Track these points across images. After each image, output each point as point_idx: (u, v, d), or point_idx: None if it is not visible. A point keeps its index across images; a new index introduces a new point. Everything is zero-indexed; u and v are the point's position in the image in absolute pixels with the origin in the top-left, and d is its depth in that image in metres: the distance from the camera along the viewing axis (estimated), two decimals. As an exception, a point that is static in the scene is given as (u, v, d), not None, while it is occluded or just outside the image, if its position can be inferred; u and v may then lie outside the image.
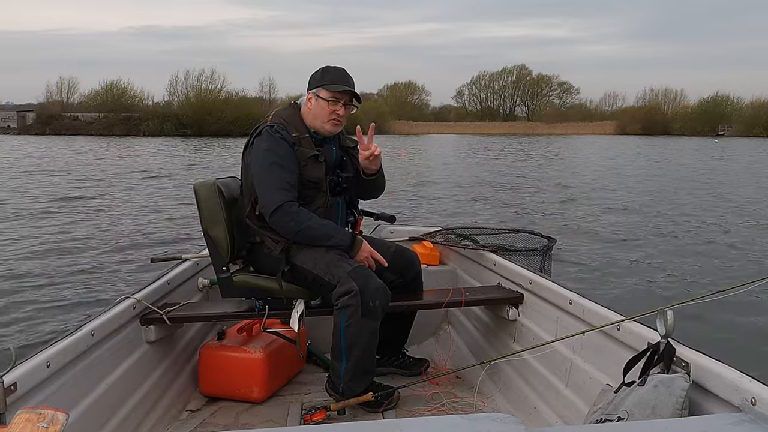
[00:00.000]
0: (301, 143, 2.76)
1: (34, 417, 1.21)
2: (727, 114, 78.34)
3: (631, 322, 2.09)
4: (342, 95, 2.78)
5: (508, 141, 53.82)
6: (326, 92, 2.77)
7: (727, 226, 10.80)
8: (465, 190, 16.24)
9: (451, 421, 1.34)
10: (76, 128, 57.86)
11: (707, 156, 33.79)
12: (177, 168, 22.46)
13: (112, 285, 6.53)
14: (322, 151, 2.82)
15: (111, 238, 9.25)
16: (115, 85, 64.63)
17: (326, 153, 2.85)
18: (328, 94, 2.77)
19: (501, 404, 2.83)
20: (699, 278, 7.14)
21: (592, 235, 9.84)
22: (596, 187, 17.40)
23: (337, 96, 2.77)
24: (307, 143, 2.78)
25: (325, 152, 2.83)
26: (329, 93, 2.77)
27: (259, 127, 2.80)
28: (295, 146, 2.74)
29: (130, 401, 2.50)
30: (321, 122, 2.80)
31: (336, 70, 2.82)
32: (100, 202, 13.15)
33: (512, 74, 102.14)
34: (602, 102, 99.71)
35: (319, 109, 2.79)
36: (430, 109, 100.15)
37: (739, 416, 1.44)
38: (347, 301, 2.59)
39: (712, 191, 16.38)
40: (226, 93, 64.75)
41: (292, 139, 2.73)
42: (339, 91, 2.77)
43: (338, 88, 2.77)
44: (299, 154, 2.74)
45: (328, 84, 2.77)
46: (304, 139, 2.78)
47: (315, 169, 2.76)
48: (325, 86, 2.77)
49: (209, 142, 43.16)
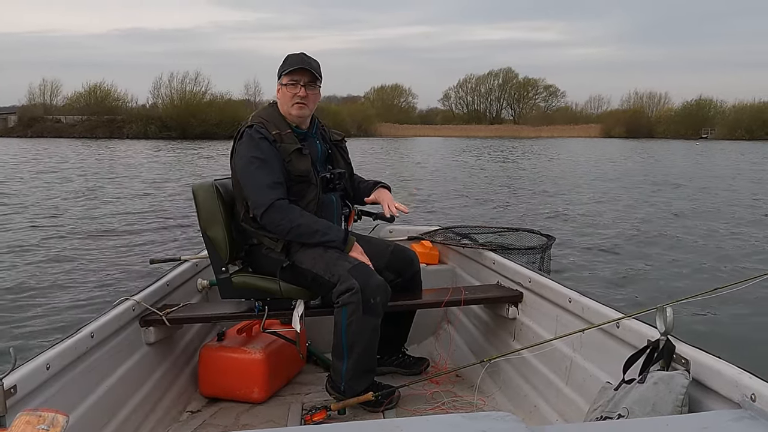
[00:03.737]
0: (282, 139, 2.75)
1: (35, 419, 1.21)
2: (711, 117, 79.49)
3: (630, 320, 2.09)
4: (300, 76, 2.78)
5: (494, 144, 54.04)
6: (285, 77, 2.79)
7: (726, 224, 10.81)
8: (456, 191, 16.27)
9: (452, 420, 1.34)
10: (58, 131, 57.77)
11: (691, 157, 34.05)
12: (170, 169, 22.44)
13: (111, 286, 6.52)
14: (306, 144, 2.82)
15: (110, 239, 9.24)
16: (98, 88, 64.85)
17: (310, 146, 2.84)
18: (287, 78, 2.78)
19: (501, 403, 2.83)
20: (698, 275, 7.14)
21: (590, 234, 9.85)
22: (592, 186, 17.43)
23: (295, 78, 2.77)
24: (289, 138, 2.77)
25: (309, 146, 2.83)
26: (287, 77, 2.78)
27: (240, 129, 2.81)
28: (276, 143, 2.73)
29: (130, 403, 2.50)
30: (288, 109, 2.80)
31: (294, 56, 2.83)
32: (100, 203, 13.14)
33: (499, 77, 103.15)
34: (588, 105, 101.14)
35: (283, 96, 2.81)
36: (417, 112, 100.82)
37: (739, 413, 1.44)
38: (348, 299, 2.59)
39: (711, 190, 16.41)
40: (210, 95, 65.24)
41: (273, 137, 2.73)
42: (294, 70, 2.77)
43: (292, 67, 2.77)
44: (282, 150, 2.73)
45: (286, 69, 2.79)
46: (286, 135, 2.77)
47: (300, 163, 2.76)
48: (284, 72, 2.79)
49: (193, 145, 43.13)
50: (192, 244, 8.03)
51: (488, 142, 55.93)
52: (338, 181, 2.90)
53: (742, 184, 18.55)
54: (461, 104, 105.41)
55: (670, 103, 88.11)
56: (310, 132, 2.90)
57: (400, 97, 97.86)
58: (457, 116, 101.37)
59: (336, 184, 2.89)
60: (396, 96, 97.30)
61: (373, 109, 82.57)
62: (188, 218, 10.53)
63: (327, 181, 2.86)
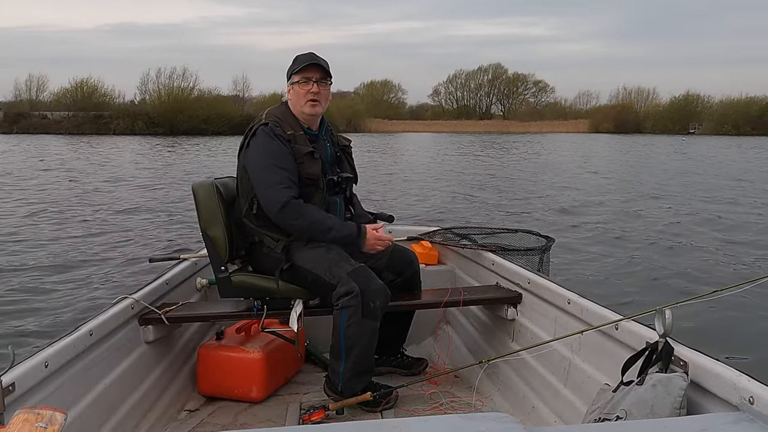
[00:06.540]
0: (296, 140, 2.76)
1: (33, 417, 1.21)
2: (698, 112, 79.54)
3: (629, 322, 2.09)
4: (312, 73, 2.79)
5: (484, 139, 54.06)
6: (297, 76, 2.80)
7: (725, 224, 10.81)
8: (448, 188, 16.28)
9: (450, 421, 1.34)
10: (44, 127, 57.16)
11: (676, 153, 34.21)
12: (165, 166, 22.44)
13: (110, 285, 6.51)
14: (317, 147, 2.82)
15: (109, 237, 9.23)
16: (85, 83, 64.28)
17: (321, 149, 2.85)
18: (299, 76, 2.79)
19: (499, 404, 2.83)
20: (697, 277, 7.14)
21: (589, 235, 9.84)
22: (588, 186, 17.43)
23: (307, 75, 2.78)
24: (301, 140, 2.78)
25: (319, 149, 2.84)
26: (299, 75, 2.79)
27: (254, 126, 2.80)
28: (291, 143, 2.74)
29: (128, 401, 2.50)
30: (300, 107, 2.80)
31: (304, 55, 2.84)
32: (99, 203, 13.13)
33: (488, 73, 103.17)
34: (577, 100, 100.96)
35: (295, 95, 2.81)
36: (406, 107, 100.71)
37: (737, 415, 1.44)
38: (348, 302, 2.59)
39: (710, 190, 16.42)
40: (198, 91, 64.78)
41: (288, 137, 2.74)
42: (306, 66, 2.78)
43: (304, 64, 2.78)
44: (296, 151, 2.74)
45: (297, 67, 2.80)
46: (299, 136, 2.78)
47: (312, 166, 2.76)
48: (295, 71, 2.80)
49: (181, 140, 43.05)
50: (191, 243, 8.03)
51: (478, 138, 55.99)
52: (344, 185, 2.91)
53: (742, 183, 18.58)
54: (451, 100, 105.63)
55: (658, 99, 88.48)
56: (320, 134, 2.90)
57: (389, 93, 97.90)
58: (446, 112, 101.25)
59: (342, 187, 2.91)
60: (386, 91, 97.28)
61: (363, 105, 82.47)
62: (188, 217, 10.53)
63: (333, 184, 2.87)
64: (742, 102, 76.11)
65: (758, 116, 70.54)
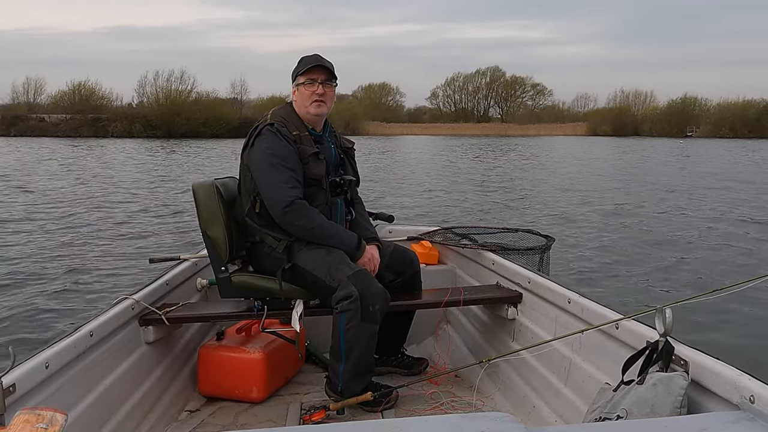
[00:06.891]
0: (301, 141, 2.77)
1: (33, 418, 1.21)
2: (695, 115, 79.28)
3: (629, 321, 2.09)
4: (317, 74, 2.79)
5: (482, 141, 54.09)
6: (302, 77, 2.80)
7: (724, 225, 10.81)
8: (448, 189, 16.28)
9: (450, 421, 1.34)
10: (42, 130, 56.93)
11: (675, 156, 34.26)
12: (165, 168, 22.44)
13: (110, 285, 6.52)
14: (321, 148, 2.83)
15: (109, 238, 9.24)
16: (82, 86, 64.19)
17: (325, 151, 2.85)
18: (304, 77, 2.80)
19: (500, 403, 2.83)
20: (698, 277, 7.15)
21: (589, 234, 9.85)
22: (587, 187, 17.44)
23: (313, 77, 2.79)
24: (306, 141, 2.78)
25: (324, 150, 2.84)
26: (305, 76, 2.80)
27: (259, 125, 2.80)
28: (296, 144, 2.74)
29: (129, 402, 2.50)
30: (306, 108, 2.81)
31: (309, 56, 2.85)
32: (98, 203, 13.14)
33: (486, 76, 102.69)
34: (574, 103, 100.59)
35: (301, 96, 2.82)
36: (404, 110, 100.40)
37: (737, 414, 1.44)
38: (347, 306, 2.59)
39: (709, 190, 16.42)
40: (196, 94, 64.56)
41: (293, 137, 2.74)
42: (312, 68, 2.79)
43: (309, 65, 2.79)
44: (301, 151, 2.75)
45: (302, 69, 2.80)
46: (304, 137, 2.79)
47: (316, 167, 2.77)
48: (301, 73, 2.80)
49: (180, 143, 43.01)
50: (191, 244, 8.03)
51: (476, 140, 56.03)
52: (346, 187, 2.92)
53: (741, 184, 18.58)
54: (449, 102, 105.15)
55: (656, 102, 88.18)
56: (325, 135, 2.91)
57: (387, 96, 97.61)
58: (444, 114, 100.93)
59: (344, 189, 2.91)
60: (384, 94, 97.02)
61: (361, 108, 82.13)
62: (188, 217, 10.53)
63: (336, 185, 2.87)
64: (739, 105, 76.02)
65: (755, 119, 70.43)
